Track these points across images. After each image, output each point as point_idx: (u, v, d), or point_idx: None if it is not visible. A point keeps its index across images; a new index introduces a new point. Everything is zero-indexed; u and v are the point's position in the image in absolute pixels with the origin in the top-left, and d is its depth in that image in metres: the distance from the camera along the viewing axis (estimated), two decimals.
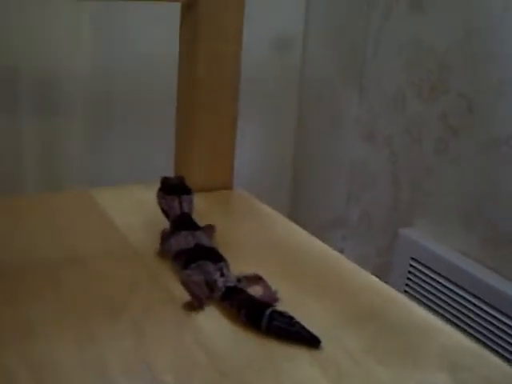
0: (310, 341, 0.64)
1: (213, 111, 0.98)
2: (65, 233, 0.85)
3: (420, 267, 1.43)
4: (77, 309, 0.68)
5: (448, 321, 1.31)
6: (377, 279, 0.78)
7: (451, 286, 1.35)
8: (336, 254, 0.85)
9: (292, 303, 0.70)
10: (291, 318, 0.65)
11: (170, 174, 1.02)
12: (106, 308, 0.68)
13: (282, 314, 0.65)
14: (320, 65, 1.60)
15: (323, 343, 0.64)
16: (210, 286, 0.70)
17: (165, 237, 0.79)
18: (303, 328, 0.64)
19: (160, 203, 0.82)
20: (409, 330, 0.69)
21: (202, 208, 0.87)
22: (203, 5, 0.93)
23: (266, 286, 0.71)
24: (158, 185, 0.83)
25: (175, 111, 1.02)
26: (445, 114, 1.35)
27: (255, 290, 0.71)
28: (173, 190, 0.81)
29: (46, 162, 1.37)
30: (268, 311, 0.65)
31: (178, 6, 0.98)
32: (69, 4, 1.27)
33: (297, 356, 0.62)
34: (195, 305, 0.69)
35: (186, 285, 0.70)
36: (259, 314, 0.65)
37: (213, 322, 0.67)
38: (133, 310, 0.68)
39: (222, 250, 0.75)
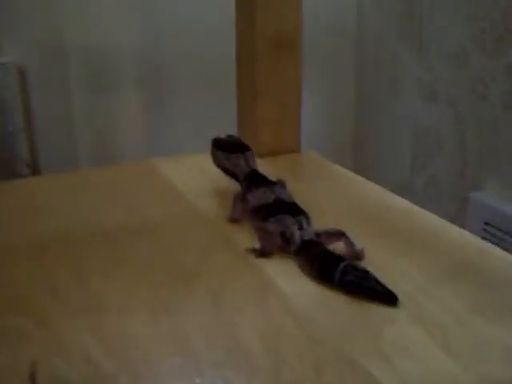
0: (386, 297, 0.58)
1: (276, 71, 0.93)
2: (131, 203, 0.81)
3: (494, 231, 1.36)
4: (149, 279, 0.63)
5: None
6: (469, 233, 0.72)
7: None
8: (421, 210, 0.79)
9: (380, 261, 0.64)
10: (366, 272, 0.60)
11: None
12: (179, 277, 0.63)
13: (356, 269, 0.60)
14: (376, 24, 1.54)
15: (421, 302, 0.58)
16: (287, 238, 0.66)
17: (237, 198, 0.75)
18: (378, 283, 0.59)
19: (222, 164, 0.79)
20: (509, 284, 0.63)
21: (272, 172, 0.82)
22: None
23: (349, 243, 0.66)
24: None
25: (235, 74, 0.98)
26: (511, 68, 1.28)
27: (337, 247, 0.66)
28: (232, 148, 0.78)
29: (99, 137, 1.35)
30: (342, 265, 0.60)
31: None
32: None
33: (396, 317, 0.56)
34: (258, 253, 0.66)
35: (258, 233, 0.68)
36: (332, 268, 0.60)
37: (295, 282, 0.62)
38: (208, 277, 0.63)
39: None
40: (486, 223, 1.38)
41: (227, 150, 0.78)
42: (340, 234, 0.66)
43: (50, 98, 1.30)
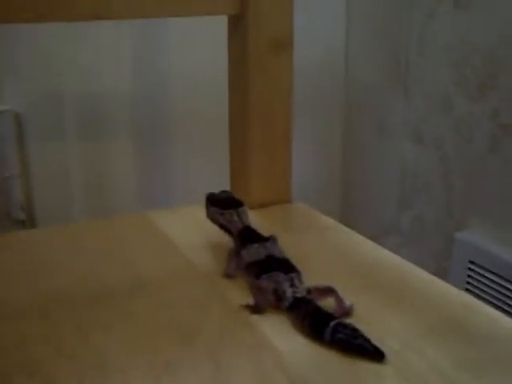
0: (374, 354, 0.61)
1: (267, 124, 0.96)
2: (128, 258, 0.84)
3: (480, 270, 1.39)
4: (148, 337, 0.66)
5: None
6: (454, 288, 0.75)
7: None
8: (407, 263, 0.82)
9: (368, 317, 0.67)
10: (355, 330, 0.63)
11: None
12: (178, 334, 0.66)
13: (346, 327, 0.63)
14: (364, 68, 1.58)
15: (408, 358, 0.61)
16: (279, 295, 0.69)
17: (232, 255, 0.78)
18: (367, 340, 0.62)
19: (216, 219, 0.81)
20: (495, 339, 0.65)
21: (263, 223, 0.85)
22: (252, 16, 0.90)
23: (339, 299, 0.69)
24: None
25: (226, 127, 1.01)
26: (496, 111, 1.32)
27: (327, 303, 0.68)
28: (226, 204, 0.81)
29: (94, 184, 1.37)
30: (332, 323, 0.63)
31: (222, 20, 0.96)
32: (109, 25, 1.26)
33: (382, 373, 0.59)
34: (252, 309, 0.69)
35: (252, 289, 0.71)
36: (323, 326, 0.63)
37: (288, 339, 0.65)
38: (206, 334, 0.66)
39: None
40: (471, 262, 1.41)
41: (221, 205, 0.81)
42: (329, 290, 0.69)
43: (45, 145, 1.33)
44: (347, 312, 0.68)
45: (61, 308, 0.71)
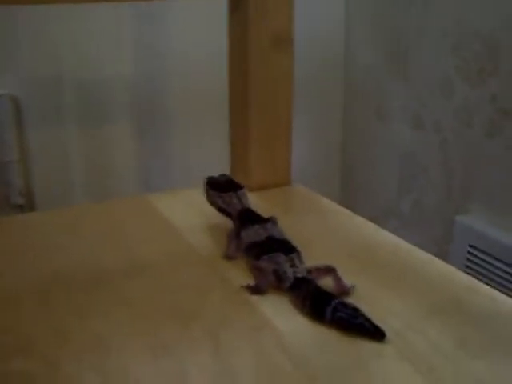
0: (374, 333, 0.61)
1: (267, 108, 0.96)
2: (128, 241, 0.84)
3: (479, 254, 1.39)
4: (147, 319, 0.66)
5: None
6: (454, 268, 0.75)
7: None
8: (405, 243, 0.82)
9: (369, 298, 0.67)
10: (356, 309, 0.63)
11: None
12: (178, 316, 0.66)
13: (346, 306, 0.63)
14: (363, 53, 1.57)
15: (409, 338, 0.61)
16: (280, 276, 0.69)
17: (231, 237, 0.78)
18: (367, 320, 0.62)
19: (215, 202, 0.82)
20: (496, 319, 0.66)
21: (263, 206, 0.85)
22: (252, 3, 0.90)
23: (337, 278, 0.69)
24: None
25: (227, 111, 1.00)
26: (495, 96, 1.31)
27: (328, 282, 0.69)
28: (225, 187, 0.81)
29: (94, 169, 1.37)
30: (333, 302, 0.63)
31: (221, 2, 0.96)
32: (107, 8, 1.26)
33: (384, 352, 0.59)
34: (252, 290, 0.69)
35: (252, 270, 0.71)
36: (324, 306, 0.63)
37: (289, 320, 0.65)
38: (206, 316, 0.66)
39: None
40: (471, 246, 1.41)
41: (220, 188, 0.81)
42: (329, 270, 0.69)
43: (44, 129, 1.32)
44: (346, 291, 0.69)
45: (59, 291, 0.71)
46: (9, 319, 0.66)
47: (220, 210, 0.81)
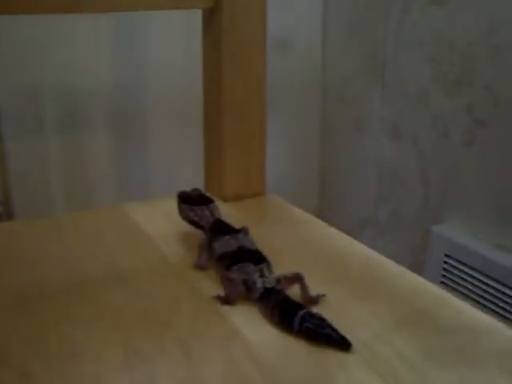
0: (341, 343, 0.62)
1: (241, 117, 0.96)
2: (104, 251, 0.84)
3: (455, 263, 1.40)
4: (121, 327, 0.66)
5: None
6: (423, 280, 0.76)
7: (488, 281, 1.32)
8: (378, 255, 0.83)
9: (339, 309, 0.68)
10: (323, 319, 0.64)
11: (201, 183, 1.01)
12: (150, 325, 0.66)
13: (313, 316, 0.64)
14: (340, 64, 1.59)
15: (376, 349, 0.62)
16: (249, 286, 0.70)
17: (202, 247, 0.79)
18: (334, 330, 0.62)
19: (187, 216, 0.83)
20: (462, 331, 0.66)
21: (236, 216, 0.86)
22: (226, 10, 0.91)
23: (304, 286, 0.70)
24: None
25: (202, 120, 1.01)
26: (471, 107, 1.33)
27: (296, 290, 0.70)
28: (196, 201, 0.82)
29: (72, 177, 1.37)
30: (301, 313, 0.64)
31: (197, 13, 0.96)
32: (87, 18, 1.26)
33: (351, 363, 0.60)
34: (222, 300, 0.70)
35: (222, 281, 0.72)
36: (292, 315, 0.64)
37: (259, 330, 0.65)
38: (178, 325, 0.66)
39: None
40: (447, 255, 1.42)
41: (192, 202, 0.82)
42: (297, 277, 0.70)
43: (23, 138, 1.32)
44: (314, 300, 0.70)
45: (35, 298, 0.72)
46: None
47: (192, 222, 0.82)
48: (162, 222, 0.92)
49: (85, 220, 0.94)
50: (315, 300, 0.70)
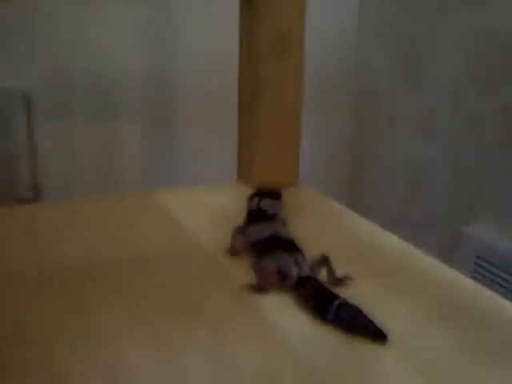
0: (376, 335, 0.60)
1: (277, 108, 0.95)
2: (131, 235, 0.83)
3: (486, 265, 1.38)
4: (150, 313, 0.65)
5: None
6: (460, 274, 0.74)
7: None
8: (414, 248, 0.81)
9: (374, 301, 0.66)
10: (359, 310, 0.62)
11: (233, 172, 1.00)
12: (179, 312, 0.65)
13: (350, 306, 0.62)
14: (376, 62, 1.57)
15: (411, 341, 0.60)
16: (284, 274, 0.68)
17: (236, 232, 0.77)
18: (370, 321, 0.61)
19: (247, 206, 0.81)
20: (501, 326, 0.65)
21: None
22: (263, 0, 0.90)
23: (330, 269, 0.70)
24: (221, 186, 0.87)
25: (236, 109, 1.00)
26: (507, 107, 1.31)
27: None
28: (263, 194, 0.81)
29: (102, 163, 1.37)
30: (336, 302, 0.62)
31: (236, 4, 0.95)
32: (119, 4, 1.26)
33: (386, 356, 0.58)
34: (254, 289, 0.69)
35: (254, 270, 0.70)
36: (327, 305, 0.63)
37: (291, 319, 0.64)
38: (208, 311, 0.65)
39: None
40: (478, 257, 1.40)
41: (259, 195, 0.81)
42: (323, 260, 0.70)
43: (53, 124, 1.32)
44: (340, 281, 0.69)
45: (59, 281, 0.71)
46: (7, 307, 0.65)
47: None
48: (192, 209, 0.91)
49: (113, 205, 0.94)
50: (342, 281, 0.69)
